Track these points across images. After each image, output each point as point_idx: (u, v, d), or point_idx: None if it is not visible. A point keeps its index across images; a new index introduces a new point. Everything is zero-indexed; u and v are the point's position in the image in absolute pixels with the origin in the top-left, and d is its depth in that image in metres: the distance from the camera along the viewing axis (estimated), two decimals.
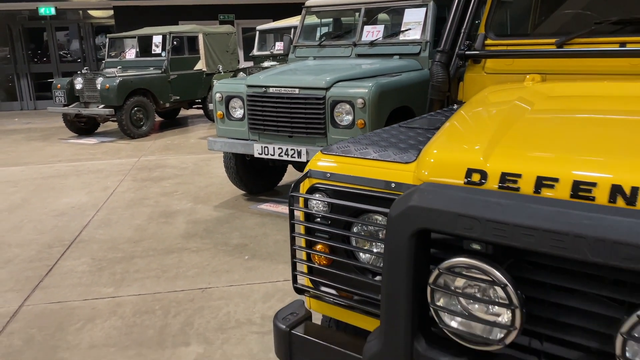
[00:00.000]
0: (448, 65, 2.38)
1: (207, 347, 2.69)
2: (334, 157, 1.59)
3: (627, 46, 2.02)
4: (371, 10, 5.44)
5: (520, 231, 1.03)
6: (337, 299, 1.55)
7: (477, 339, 1.12)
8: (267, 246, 4.03)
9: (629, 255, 0.92)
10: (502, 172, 1.22)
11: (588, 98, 1.83)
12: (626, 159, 1.16)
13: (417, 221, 1.16)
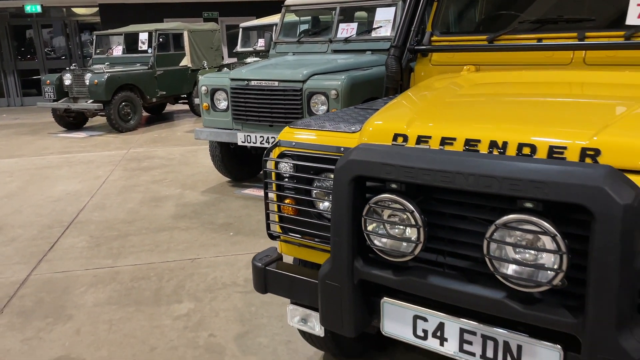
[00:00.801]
0: (400, 58, 2.81)
1: (197, 303, 3.10)
2: (299, 130, 2.01)
3: (543, 41, 2.46)
4: (345, 9, 5.85)
5: (422, 172, 1.46)
6: (302, 240, 1.97)
7: (395, 252, 1.55)
8: (250, 225, 4.44)
9: (489, 183, 1.35)
10: (418, 135, 1.65)
11: (507, 84, 2.27)
12: (506, 124, 1.60)
13: (354, 170, 1.58)
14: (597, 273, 1.25)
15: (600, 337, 1.27)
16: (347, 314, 1.71)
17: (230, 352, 2.59)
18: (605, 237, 1.22)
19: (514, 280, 1.37)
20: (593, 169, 1.25)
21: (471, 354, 1.56)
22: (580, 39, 2.33)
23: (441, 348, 1.62)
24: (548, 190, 1.27)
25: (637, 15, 2.27)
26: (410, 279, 1.57)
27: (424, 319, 1.63)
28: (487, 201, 1.43)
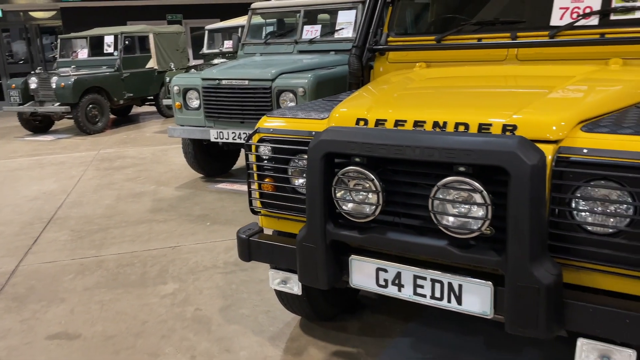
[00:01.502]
0: (361, 57, 3.16)
1: (182, 284, 3.38)
2: (275, 118, 2.34)
3: (482, 41, 2.85)
4: (309, 12, 6.19)
5: (379, 147, 1.80)
6: (280, 213, 2.29)
7: (359, 215, 1.90)
8: (225, 215, 4.73)
9: (431, 153, 1.70)
10: (376, 118, 2.00)
11: (451, 78, 2.65)
12: (446, 109, 1.96)
13: (325, 148, 1.91)
14: (513, 220, 1.62)
15: (518, 270, 1.64)
16: (321, 270, 2.04)
17: (216, 322, 2.89)
18: (518, 191, 1.59)
19: (452, 229, 1.73)
20: (509, 139, 1.62)
21: (423, 296, 1.91)
22: (513, 38, 2.72)
23: (399, 293, 1.97)
24: (476, 156, 1.64)
25: (559, 17, 2.68)
26: (372, 236, 1.92)
27: (384, 270, 1.97)
28: (430, 168, 1.79)
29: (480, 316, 1.82)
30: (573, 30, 2.59)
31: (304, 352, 2.56)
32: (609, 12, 2.55)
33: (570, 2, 2.67)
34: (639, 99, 2.10)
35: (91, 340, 2.78)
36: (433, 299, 1.90)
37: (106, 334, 2.82)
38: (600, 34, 2.54)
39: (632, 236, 1.60)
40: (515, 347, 2.50)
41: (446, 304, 1.88)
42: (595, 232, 1.66)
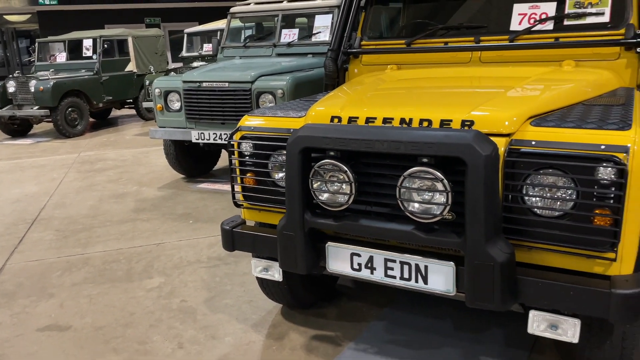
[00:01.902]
0: (336, 60, 3.34)
1: (167, 278, 3.52)
2: (256, 117, 2.50)
3: (448, 44, 3.06)
4: (287, 16, 6.36)
5: (351, 141, 1.98)
6: (261, 206, 2.46)
7: (334, 204, 2.07)
8: (208, 213, 4.87)
9: (398, 146, 1.89)
10: (349, 116, 2.18)
11: (419, 79, 2.85)
12: (412, 107, 2.15)
13: (302, 143, 2.08)
14: (470, 205, 1.81)
15: (475, 249, 1.83)
16: (300, 256, 2.21)
17: (201, 312, 3.04)
18: (474, 178, 1.78)
19: (418, 215, 1.92)
20: (466, 133, 1.82)
21: (393, 277, 2.10)
22: (476, 42, 2.94)
23: (372, 276, 2.15)
24: (437, 149, 1.83)
25: (518, 23, 2.91)
26: (346, 223, 2.10)
27: (358, 255, 2.15)
28: (397, 160, 1.97)
29: (444, 294, 2.02)
30: (531, 35, 2.82)
31: (285, 337, 2.73)
32: (563, 17, 2.78)
33: (528, 8, 2.90)
34: (586, 97, 2.32)
35: (81, 331, 2.90)
36: (402, 280, 2.08)
37: (96, 325, 2.95)
38: (555, 38, 2.77)
39: (576, 218, 1.80)
40: (481, 327, 2.71)
41: (414, 284, 2.06)
42: (543, 216, 1.86)
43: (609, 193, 1.73)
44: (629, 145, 1.72)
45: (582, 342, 2.12)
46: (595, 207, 1.77)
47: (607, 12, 2.71)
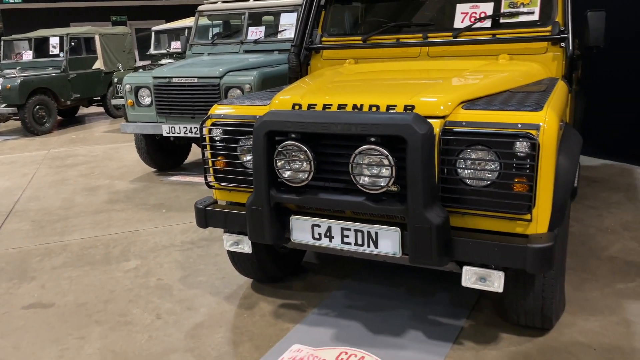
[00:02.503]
0: (299, 55, 3.63)
1: (143, 260, 3.75)
2: (225, 106, 2.77)
3: (400, 40, 3.38)
4: (254, 14, 6.61)
5: (310, 125, 2.27)
6: (231, 186, 2.72)
7: (296, 180, 2.36)
8: (180, 203, 5.09)
9: (349, 128, 2.19)
10: (309, 103, 2.47)
11: (373, 72, 3.15)
12: (364, 95, 2.45)
13: (267, 127, 2.36)
14: (411, 177, 2.12)
15: (416, 214, 2.14)
16: (267, 228, 2.49)
17: (177, 288, 3.29)
18: (413, 154, 2.10)
19: (368, 187, 2.23)
20: (406, 115, 2.13)
21: (349, 244, 2.40)
22: (424, 38, 3.27)
23: (330, 244, 2.45)
24: (382, 129, 2.14)
25: (461, 21, 3.25)
26: (306, 197, 2.39)
27: (318, 226, 2.45)
28: (349, 141, 2.27)
29: (392, 256, 2.33)
30: (471, 32, 3.17)
31: (256, 306, 3.00)
32: (499, 16, 3.13)
33: (469, 8, 3.24)
34: (515, 85, 2.67)
35: (64, 307, 3.12)
36: (356, 246, 2.39)
37: (78, 302, 3.17)
38: (492, 34, 3.12)
39: (500, 186, 2.14)
40: (429, 292, 3.04)
41: (367, 249, 2.37)
42: (473, 185, 2.19)
43: (525, 164, 2.07)
44: (540, 124, 2.06)
45: (510, 296, 2.47)
46: (515, 176, 2.10)
47: (536, 11, 3.07)
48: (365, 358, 2.45)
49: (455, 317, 2.76)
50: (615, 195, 4.57)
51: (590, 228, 3.86)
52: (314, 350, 2.54)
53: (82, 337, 2.78)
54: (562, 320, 2.67)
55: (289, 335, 2.69)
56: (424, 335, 2.61)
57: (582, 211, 4.21)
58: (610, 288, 2.99)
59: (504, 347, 2.49)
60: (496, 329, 2.64)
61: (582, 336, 2.54)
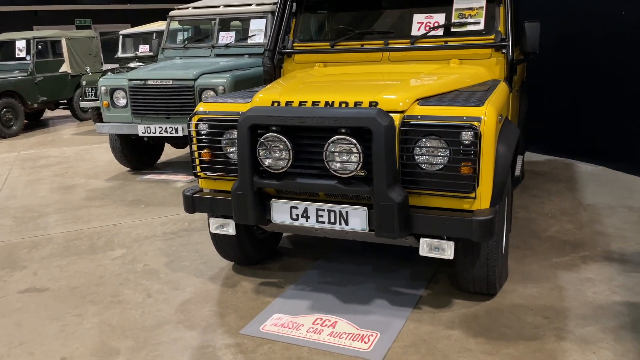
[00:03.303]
0: (273, 58, 3.97)
1: (128, 249, 4.01)
2: (210, 104, 3.09)
3: (364, 46, 3.77)
4: (224, 20, 6.92)
5: (288, 119, 2.62)
6: (215, 176, 3.05)
7: (276, 167, 2.71)
8: (157, 199, 5.34)
9: (323, 121, 2.55)
10: (286, 100, 2.83)
11: (341, 74, 3.53)
12: (334, 93, 2.82)
13: (250, 121, 2.70)
14: (375, 162, 2.50)
15: (380, 194, 2.52)
16: (250, 211, 2.82)
17: (163, 272, 3.58)
18: (377, 143, 2.47)
19: (339, 172, 2.59)
20: (371, 110, 2.51)
21: (323, 222, 2.76)
22: (385, 45, 3.66)
23: (307, 223, 2.80)
24: (351, 122, 2.51)
25: (417, 29, 3.66)
26: (286, 182, 2.74)
27: (295, 207, 2.80)
28: (323, 132, 2.63)
29: (360, 232, 2.70)
30: (426, 39, 3.58)
31: (238, 285, 3.33)
32: (450, 25, 3.55)
33: (424, 18, 3.66)
34: (463, 85, 3.09)
35: (58, 291, 3.37)
36: (330, 224, 2.75)
37: (70, 286, 3.42)
38: (445, 42, 3.54)
39: (449, 170, 2.54)
40: (393, 269, 3.42)
41: (338, 226, 2.73)
42: (428, 170, 2.59)
43: (469, 150, 2.48)
44: (481, 117, 2.48)
45: (461, 265, 2.87)
46: (461, 161, 2.51)
47: (482, 22, 3.51)
48: (338, 322, 2.82)
49: (415, 288, 3.16)
50: (557, 186, 5.09)
51: (532, 214, 4.35)
52: (293, 317, 2.89)
53: (79, 315, 3.05)
54: (505, 287, 3.10)
55: (269, 307, 3.02)
56: (388, 303, 2.99)
57: (527, 200, 4.70)
58: (547, 262, 3.44)
59: (456, 310, 2.90)
60: (450, 296, 3.05)
61: (522, 300, 2.97)
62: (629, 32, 5.28)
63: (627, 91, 5.36)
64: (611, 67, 5.52)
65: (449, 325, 2.75)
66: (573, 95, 5.99)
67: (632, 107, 5.33)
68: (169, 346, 2.68)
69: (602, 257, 3.48)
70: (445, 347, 2.56)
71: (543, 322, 2.73)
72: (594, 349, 2.48)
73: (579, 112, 5.95)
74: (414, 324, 2.78)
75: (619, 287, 3.06)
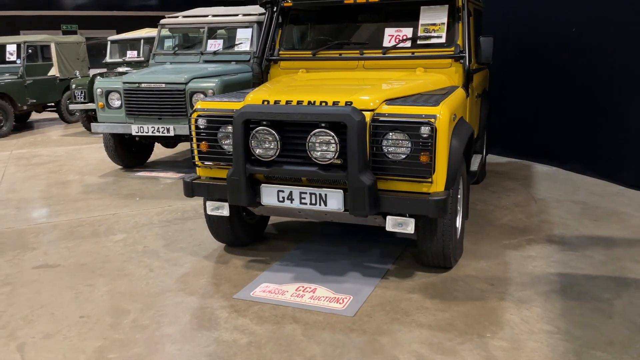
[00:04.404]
0: (261, 64, 4.47)
1: (128, 234, 4.45)
2: (207, 102, 3.57)
3: (342, 55, 4.29)
4: (212, 29, 7.39)
5: (277, 114, 3.12)
6: (212, 165, 3.52)
7: (266, 156, 3.20)
8: (150, 193, 5.77)
9: (306, 117, 3.05)
10: (275, 99, 3.32)
11: (322, 79, 4.04)
12: (315, 94, 3.33)
13: (244, 117, 3.19)
14: (350, 152, 3.01)
15: (353, 178, 3.03)
16: (243, 194, 3.30)
17: (162, 252, 4.02)
18: (351, 135, 2.98)
19: (319, 160, 3.09)
20: (346, 108, 3.02)
21: (305, 204, 3.25)
22: (361, 54, 4.19)
23: (291, 205, 3.29)
24: (330, 117, 3.02)
25: (389, 41, 4.19)
26: (274, 169, 3.23)
27: (282, 191, 3.29)
28: (306, 126, 3.13)
29: (337, 211, 3.20)
30: (396, 50, 4.11)
31: (230, 262, 3.79)
32: (416, 39, 4.10)
33: (394, 31, 4.20)
34: (425, 90, 3.62)
35: (69, 267, 3.79)
36: (311, 205, 3.24)
37: (79, 263, 3.85)
38: (412, 52, 4.08)
39: (411, 159, 3.05)
40: (365, 249, 3.93)
41: (318, 207, 3.23)
42: (394, 159, 3.10)
43: (427, 142, 3.00)
44: (437, 115, 3.01)
45: (421, 242, 3.39)
46: (421, 151, 3.03)
47: (444, 36, 4.06)
48: (317, 289, 3.30)
49: (384, 264, 3.66)
50: (514, 184, 5.67)
51: (490, 206, 4.90)
52: (279, 286, 3.37)
53: (90, 285, 3.48)
54: (460, 263, 3.63)
55: (258, 278, 3.50)
56: (360, 275, 3.49)
57: (486, 195, 5.26)
58: (498, 243, 3.99)
59: (417, 280, 3.41)
60: (413, 269, 3.56)
61: (473, 272, 3.50)
62: (578, 47, 5.91)
63: (577, 100, 5.99)
64: (564, 78, 6.15)
65: (411, 290, 3.26)
66: (531, 103, 6.61)
67: (582, 114, 5.95)
68: (173, 308, 3.14)
69: (544, 240, 4.04)
70: (407, 306, 3.07)
71: (488, 288, 3.26)
72: (527, 307, 3.02)
73: (536, 119, 6.57)
74: (382, 290, 3.28)
75: (555, 262, 3.62)
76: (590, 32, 5.81)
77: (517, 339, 2.69)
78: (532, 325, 2.82)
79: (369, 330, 2.82)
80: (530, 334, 2.74)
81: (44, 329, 2.94)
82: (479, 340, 2.70)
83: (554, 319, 2.87)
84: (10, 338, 2.85)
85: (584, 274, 3.44)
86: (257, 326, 2.89)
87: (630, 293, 3.16)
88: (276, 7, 4.48)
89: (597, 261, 3.63)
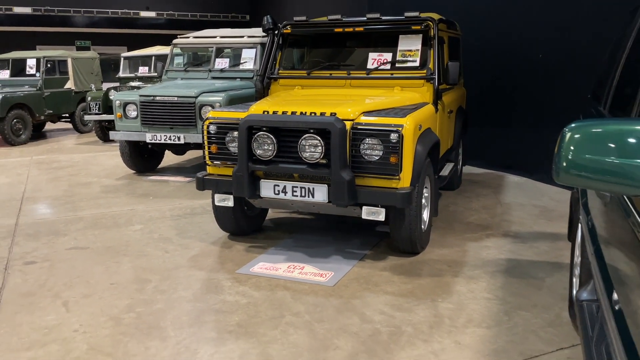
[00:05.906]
0: (263, 81, 5.21)
1: (145, 225, 5.14)
2: (218, 112, 4.30)
3: (332, 75, 5.03)
4: (220, 49, 8.17)
5: (275, 122, 3.85)
6: (220, 163, 4.23)
7: (265, 156, 3.91)
8: (163, 194, 6.48)
9: (298, 124, 3.77)
10: (273, 110, 4.05)
11: (315, 94, 4.78)
12: (308, 106, 4.05)
13: (248, 124, 3.91)
14: (334, 153, 3.72)
15: (335, 174, 3.74)
16: (246, 187, 4.01)
17: (175, 239, 4.71)
18: (334, 140, 3.70)
19: (308, 160, 3.81)
20: (331, 117, 3.75)
21: (296, 196, 3.96)
22: (348, 74, 4.94)
23: (285, 197, 4.00)
24: (317, 125, 3.74)
25: (372, 64, 4.94)
26: (271, 167, 3.94)
27: (277, 185, 4.00)
28: (298, 132, 3.85)
29: (322, 203, 3.90)
30: (378, 71, 4.85)
31: (233, 247, 4.48)
32: (395, 62, 4.84)
33: (377, 55, 4.94)
34: (400, 105, 4.35)
35: (97, 249, 4.48)
36: (301, 197, 3.95)
37: (105, 246, 4.54)
38: (391, 74, 4.82)
39: (383, 160, 3.77)
40: (347, 239, 4.62)
41: (307, 199, 3.94)
42: (369, 160, 3.81)
43: (396, 147, 3.72)
44: (403, 124, 3.73)
45: (393, 229, 4.09)
46: (390, 154, 3.74)
47: (418, 60, 4.80)
48: (305, 267, 4.00)
49: (362, 250, 4.36)
50: (486, 191, 6.37)
51: (460, 207, 5.60)
52: (273, 264, 4.06)
53: (117, 262, 4.17)
54: (426, 250, 4.32)
55: (256, 259, 4.19)
56: (341, 257, 4.19)
57: (459, 199, 5.96)
58: (461, 236, 4.68)
59: (389, 262, 4.10)
60: (386, 254, 4.25)
61: (436, 257, 4.19)
62: (545, 70, 6.67)
63: (545, 117, 6.72)
64: (533, 98, 6.89)
65: (382, 269, 3.95)
66: (505, 119, 7.35)
67: (549, 130, 6.67)
68: (186, 279, 3.83)
69: (501, 234, 4.73)
70: (377, 280, 3.75)
71: (446, 268, 3.95)
72: (475, 282, 3.70)
73: (509, 134, 7.30)
74: (358, 268, 3.97)
75: (506, 251, 4.31)
76: (554, 58, 6.57)
77: (462, 303, 3.38)
78: (476, 294, 3.51)
79: (344, 295, 3.51)
80: (473, 300, 3.43)
81: (83, 291, 3.63)
82: (432, 303, 3.38)
83: (494, 290, 3.56)
84: (56, 297, 3.54)
85: (528, 259, 4.13)
86: (254, 292, 3.58)
87: (562, 274, 3.84)
88: (277, 33, 5.24)
89: (542, 250, 4.32)
